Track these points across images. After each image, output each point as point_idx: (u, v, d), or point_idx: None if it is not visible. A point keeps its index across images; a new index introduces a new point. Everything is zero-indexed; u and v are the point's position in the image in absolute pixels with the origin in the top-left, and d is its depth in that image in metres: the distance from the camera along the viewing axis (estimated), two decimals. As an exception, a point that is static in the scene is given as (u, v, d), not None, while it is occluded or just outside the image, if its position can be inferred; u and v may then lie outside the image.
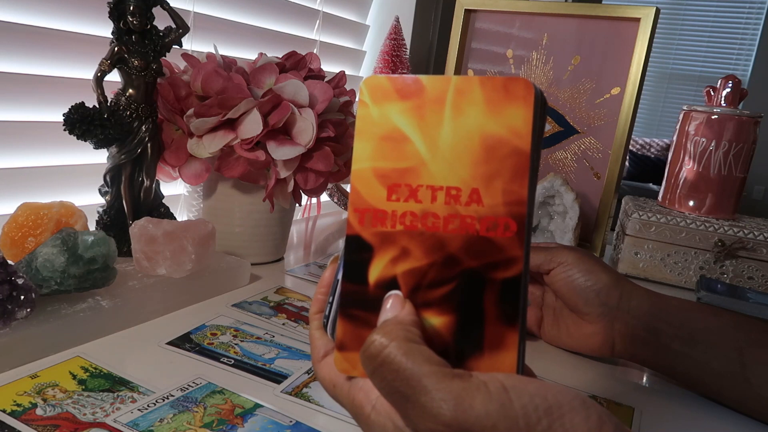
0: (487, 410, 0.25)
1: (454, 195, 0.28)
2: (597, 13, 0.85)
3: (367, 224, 0.29)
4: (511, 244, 0.28)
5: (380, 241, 0.29)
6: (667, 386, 0.53)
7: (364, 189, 0.29)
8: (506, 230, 0.28)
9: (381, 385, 0.27)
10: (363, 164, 0.29)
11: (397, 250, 0.29)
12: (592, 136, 0.88)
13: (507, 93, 0.28)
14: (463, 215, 0.28)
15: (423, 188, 0.29)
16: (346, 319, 0.29)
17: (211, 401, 0.43)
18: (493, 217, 0.28)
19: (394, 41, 1.15)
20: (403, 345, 0.26)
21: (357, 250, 0.29)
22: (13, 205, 0.58)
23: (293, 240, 0.88)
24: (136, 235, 0.56)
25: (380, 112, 0.29)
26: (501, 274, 0.28)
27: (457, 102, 0.28)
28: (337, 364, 0.30)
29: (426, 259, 0.29)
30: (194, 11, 0.84)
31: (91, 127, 0.58)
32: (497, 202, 0.28)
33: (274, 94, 0.64)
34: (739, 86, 0.86)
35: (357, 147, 0.29)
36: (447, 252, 0.28)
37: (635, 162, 3.90)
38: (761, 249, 0.81)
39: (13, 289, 0.44)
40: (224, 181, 0.70)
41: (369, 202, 0.29)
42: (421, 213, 0.29)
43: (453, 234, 0.28)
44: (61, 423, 0.38)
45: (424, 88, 0.29)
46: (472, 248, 0.28)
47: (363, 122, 0.29)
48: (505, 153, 0.28)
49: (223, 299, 0.61)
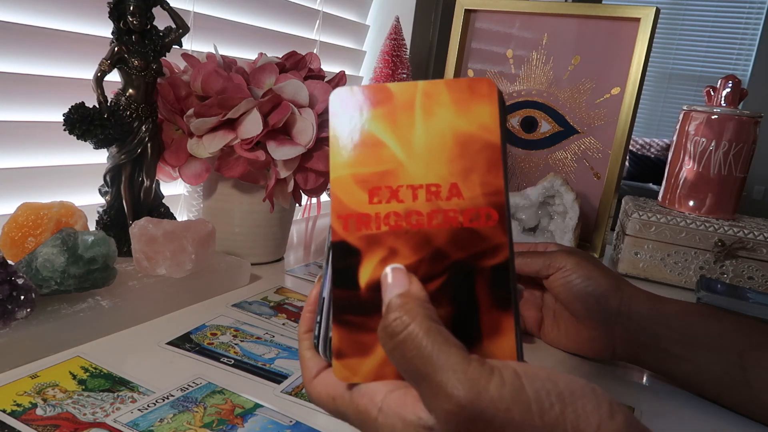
0: (501, 394, 0.25)
1: (435, 191, 0.29)
2: (597, 13, 0.85)
3: (352, 229, 0.29)
4: (495, 232, 0.29)
5: (367, 244, 0.29)
6: (667, 386, 0.53)
7: (345, 196, 0.29)
8: (488, 219, 0.29)
9: (400, 362, 0.27)
10: (341, 172, 0.30)
11: (384, 251, 0.29)
12: (592, 136, 0.88)
13: (472, 92, 0.29)
14: (445, 209, 0.29)
15: (403, 188, 0.29)
16: (341, 326, 0.29)
17: (211, 401, 0.43)
18: (474, 208, 0.29)
19: (394, 41, 1.15)
20: (425, 323, 0.27)
21: (344, 256, 0.29)
22: (13, 205, 0.58)
23: (293, 240, 0.88)
24: (136, 235, 0.56)
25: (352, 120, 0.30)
26: (489, 262, 0.29)
27: (426, 105, 0.29)
28: (336, 373, 0.30)
29: (414, 256, 0.29)
30: (194, 11, 0.84)
31: (91, 127, 0.58)
32: (476, 194, 0.29)
33: (274, 94, 0.64)
34: (739, 86, 0.86)
35: (333, 156, 0.30)
36: (434, 247, 0.29)
37: (635, 162, 3.90)
38: (761, 249, 0.81)
39: (13, 289, 0.44)
40: (224, 181, 0.70)
41: (351, 207, 0.29)
42: (405, 212, 0.29)
43: (438, 228, 0.29)
44: (61, 423, 0.38)
45: (392, 95, 0.30)
46: (458, 240, 0.29)
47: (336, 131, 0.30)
48: (478, 148, 0.29)
49: (223, 299, 0.61)
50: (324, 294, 0.31)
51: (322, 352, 0.31)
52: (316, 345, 0.32)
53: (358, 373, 0.29)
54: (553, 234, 0.83)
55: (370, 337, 0.29)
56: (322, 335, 0.31)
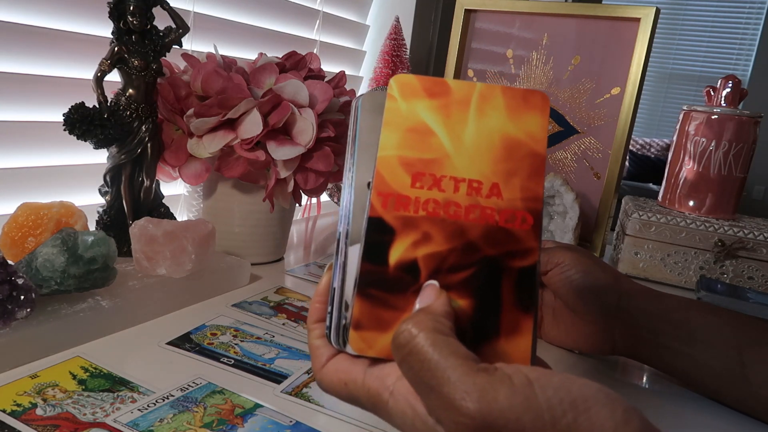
0: (511, 403, 0.25)
1: (476, 187, 0.30)
2: (597, 13, 0.85)
3: (390, 208, 0.30)
4: (528, 236, 0.30)
5: (402, 225, 0.30)
6: (667, 386, 0.53)
7: (388, 175, 0.30)
8: (523, 223, 0.30)
9: (408, 374, 0.27)
10: (389, 152, 0.30)
11: (418, 234, 0.30)
12: (592, 136, 0.88)
13: (526, 102, 0.31)
14: (483, 206, 0.30)
15: (446, 179, 0.30)
16: (364, 298, 0.30)
17: (211, 401, 0.43)
18: (512, 210, 0.30)
19: (394, 41, 1.15)
20: (431, 336, 0.27)
21: (378, 232, 0.30)
22: (13, 205, 0.58)
23: (293, 240, 0.88)
24: (136, 235, 0.56)
25: (408, 106, 0.31)
26: (518, 263, 0.30)
27: (480, 105, 0.31)
28: (352, 343, 0.30)
29: (447, 244, 0.30)
30: (194, 11, 0.84)
31: (91, 127, 0.58)
32: (516, 196, 0.30)
33: (274, 94, 0.64)
34: (739, 86, 0.86)
35: (384, 136, 0.30)
36: (467, 239, 0.30)
37: (635, 162, 3.90)
38: (761, 249, 0.81)
39: (13, 289, 0.44)
40: (224, 181, 0.70)
41: (393, 187, 0.30)
42: (444, 201, 0.30)
43: (473, 223, 0.30)
44: (61, 423, 0.38)
45: (450, 90, 0.31)
46: (491, 237, 0.30)
47: (391, 114, 0.31)
48: (523, 154, 0.30)
49: (223, 299, 0.61)
50: (335, 284, 0.32)
51: (335, 340, 0.32)
52: (328, 335, 0.32)
53: (373, 347, 0.30)
54: (553, 234, 0.83)
55: (390, 314, 0.30)
56: (334, 323, 0.32)
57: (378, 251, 0.30)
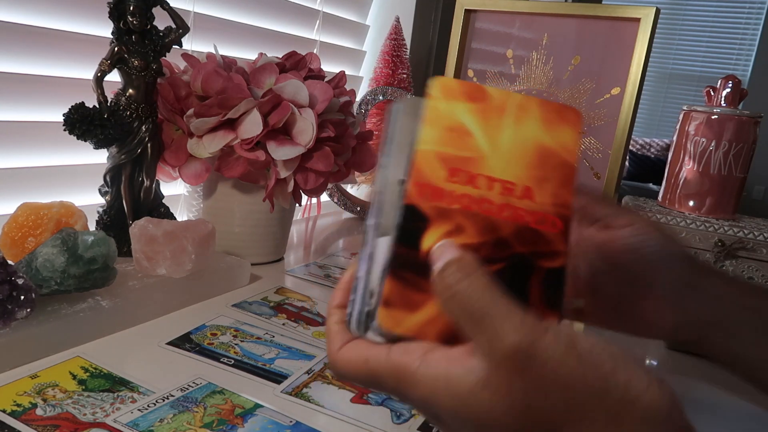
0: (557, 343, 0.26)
1: (509, 188, 0.32)
2: (597, 13, 0.85)
3: (426, 198, 0.31)
4: (557, 239, 0.31)
5: (436, 215, 0.31)
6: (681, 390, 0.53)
7: (426, 167, 0.31)
8: (553, 227, 0.31)
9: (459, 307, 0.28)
10: (428, 146, 0.32)
11: (452, 225, 0.31)
12: (592, 136, 0.88)
13: (560, 116, 0.33)
14: (515, 206, 0.31)
15: (481, 177, 0.32)
16: (396, 279, 0.31)
17: (211, 401, 0.43)
18: (543, 213, 0.31)
19: (394, 41, 1.15)
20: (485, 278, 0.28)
21: (413, 219, 0.31)
22: (13, 205, 0.58)
23: (293, 240, 0.88)
24: (136, 235, 0.56)
25: (448, 106, 0.32)
26: (547, 263, 0.31)
27: (516, 113, 0.33)
28: (381, 319, 0.30)
29: (479, 237, 0.31)
30: (194, 11, 0.84)
31: (91, 127, 0.58)
32: (547, 201, 0.32)
33: (274, 94, 0.64)
34: (739, 86, 0.86)
35: (425, 131, 0.32)
36: (499, 235, 0.31)
37: (635, 162, 3.90)
38: (761, 249, 0.80)
39: (13, 289, 0.44)
40: (224, 181, 0.70)
41: (429, 179, 0.31)
42: (478, 197, 0.31)
43: (505, 220, 0.31)
44: (61, 423, 0.38)
45: (488, 96, 0.33)
46: (522, 236, 0.31)
47: (432, 112, 0.32)
48: (556, 163, 0.32)
49: (223, 299, 0.61)
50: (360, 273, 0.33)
51: (356, 326, 0.32)
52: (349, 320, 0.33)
53: (401, 325, 0.30)
54: (553, 234, 0.82)
55: (419, 297, 0.31)
56: (357, 311, 0.32)
57: (412, 236, 0.31)
